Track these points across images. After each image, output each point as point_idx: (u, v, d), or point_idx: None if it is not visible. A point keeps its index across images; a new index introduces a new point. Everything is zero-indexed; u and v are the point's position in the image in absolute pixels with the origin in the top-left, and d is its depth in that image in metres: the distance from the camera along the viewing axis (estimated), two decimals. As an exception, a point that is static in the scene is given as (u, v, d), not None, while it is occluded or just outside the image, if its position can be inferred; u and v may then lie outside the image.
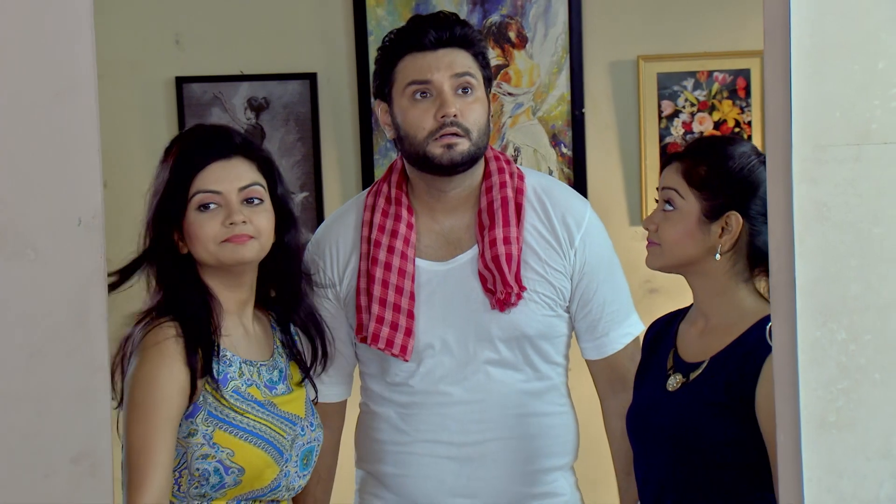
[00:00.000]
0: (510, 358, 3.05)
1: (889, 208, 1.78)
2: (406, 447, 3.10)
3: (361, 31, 4.64)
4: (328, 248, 3.12)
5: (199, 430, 2.68)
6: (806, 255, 1.78)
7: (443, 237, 3.08)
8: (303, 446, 2.79)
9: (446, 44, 2.97)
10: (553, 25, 4.62)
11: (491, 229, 3.01)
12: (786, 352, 1.82)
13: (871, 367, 1.79)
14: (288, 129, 4.71)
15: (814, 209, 1.77)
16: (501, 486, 3.07)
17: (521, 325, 3.03)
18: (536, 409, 3.10)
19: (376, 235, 3.04)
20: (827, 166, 1.77)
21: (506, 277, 2.96)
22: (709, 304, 2.73)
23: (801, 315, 1.78)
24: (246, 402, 2.72)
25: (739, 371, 2.59)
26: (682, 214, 2.69)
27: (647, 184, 4.62)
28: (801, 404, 1.79)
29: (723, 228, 2.67)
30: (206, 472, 2.68)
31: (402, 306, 3.00)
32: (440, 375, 3.05)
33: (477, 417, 3.05)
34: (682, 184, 2.70)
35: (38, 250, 1.75)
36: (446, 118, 2.94)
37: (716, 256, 2.67)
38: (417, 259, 3.05)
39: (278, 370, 2.83)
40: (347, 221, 3.14)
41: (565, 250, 3.06)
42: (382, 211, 3.08)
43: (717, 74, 4.64)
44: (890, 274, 1.78)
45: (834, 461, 1.80)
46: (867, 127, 1.77)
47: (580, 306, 3.10)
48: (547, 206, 3.09)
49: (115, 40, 4.56)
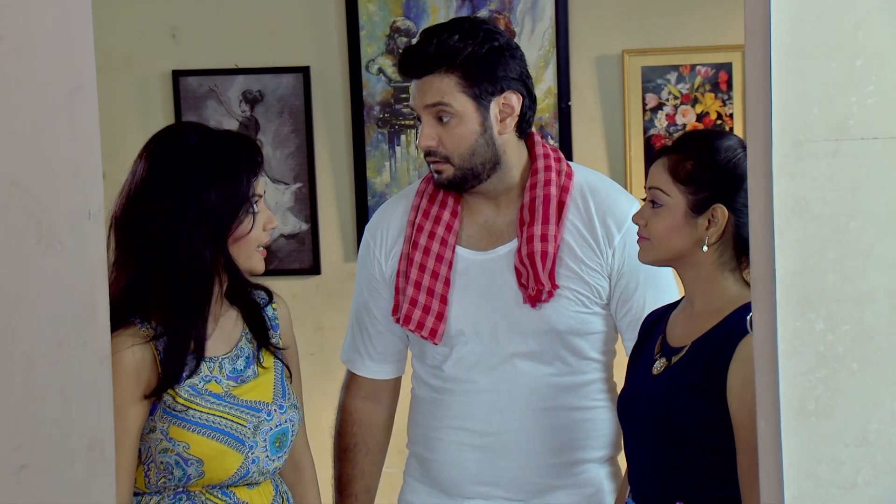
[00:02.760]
0: (539, 352, 3.06)
1: (866, 202, 1.78)
2: (437, 432, 3.14)
3: (353, 26, 4.66)
4: (379, 231, 3.16)
5: (157, 427, 2.70)
6: (785, 248, 1.78)
7: (485, 228, 3.09)
8: (270, 430, 2.78)
9: (429, 69, 2.95)
10: (540, 20, 4.65)
11: (530, 225, 3.01)
12: (766, 341, 1.83)
13: (849, 356, 1.79)
14: (282, 121, 4.73)
15: (793, 203, 1.77)
16: (524, 476, 3.09)
17: (552, 320, 3.03)
18: (568, 403, 3.10)
19: (420, 221, 3.07)
20: (806, 161, 1.77)
21: (538, 274, 2.97)
22: (696, 292, 2.75)
23: (781, 306, 1.78)
24: (201, 398, 2.72)
25: (715, 354, 2.61)
26: (668, 210, 2.70)
27: (632, 174, 4.64)
28: (780, 392, 1.79)
29: (709, 221, 2.69)
30: (169, 466, 2.70)
31: (437, 291, 3.03)
32: (471, 363, 3.07)
33: (500, 408, 3.07)
34: (667, 181, 2.71)
35: (63, 243, 1.75)
36: (422, 149, 2.99)
37: (703, 248, 2.70)
38: (458, 247, 3.07)
39: (244, 358, 2.82)
40: (399, 206, 3.18)
41: (603, 249, 3.05)
42: (430, 197, 3.10)
43: (700, 68, 4.66)
44: (867, 266, 1.79)
45: (813, 448, 1.80)
46: (845, 123, 1.77)
47: (620, 304, 3.08)
48: (590, 205, 3.07)
49: (112, 34, 4.59)
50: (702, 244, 2.70)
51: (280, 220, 4.74)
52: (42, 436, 1.78)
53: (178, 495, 2.74)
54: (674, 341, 2.77)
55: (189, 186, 2.68)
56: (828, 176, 1.79)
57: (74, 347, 1.83)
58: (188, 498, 2.75)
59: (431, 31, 3.00)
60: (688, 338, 2.73)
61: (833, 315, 1.80)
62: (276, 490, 2.87)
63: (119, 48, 4.67)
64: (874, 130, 1.78)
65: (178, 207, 2.67)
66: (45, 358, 1.78)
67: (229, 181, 2.70)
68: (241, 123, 4.70)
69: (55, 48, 1.80)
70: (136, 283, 2.68)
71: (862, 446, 1.81)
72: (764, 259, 1.83)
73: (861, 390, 1.81)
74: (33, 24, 1.77)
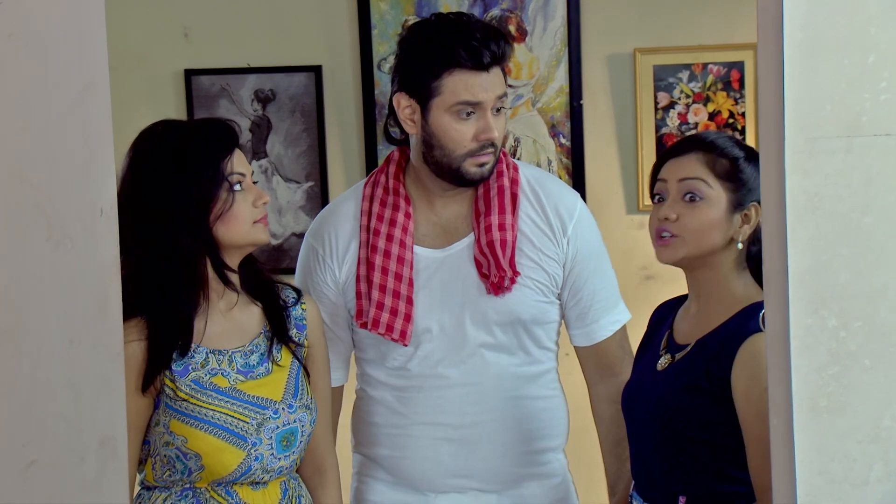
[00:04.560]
0: (505, 342, 3.10)
1: (878, 198, 1.78)
2: (404, 429, 3.14)
3: (365, 25, 4.67)
4: (327, 236, 3.14)
5: (160, 421, 2.73)
6: (798, 245, 1.78)
7: (440, 226, 3.11)
8: (277, 429, 2.79)
9: (495, 63, 2.97)
10: (552, 19, 4.65)
11: (487, 216, 3.04)
12: (778, 338, 1.82)
13: (861, 353, 1.79)
14: (294, 120, 4.74)
15: (805, 199, 1.77)
16: (498, 466, 3.13)
17: (516, 309, 3.07)
18: (530, 393, 3.15)
19: (375, 224, 3.07)
20: (818, 158, 1.77)
21: (500, 262, 3.00)
22: (706, 291, 2.75)
23: (794, 303, 1.78)
24: (203, 392, 2.74)
25: (717, 355, 2.62)
26: (709, 203, 2.69)
27: (644, 174, 4.63)
28: (793, 389, 1.79)
29: (742, 219, 2.69)
30: (171, 459, 2.73)
31: (402, 292, 3.04)
32: (437, 359, 3.09)
33: (473, 399, 3.10)
34: (708, 174, 2.69)
35: (73, 240, 1.76)
36: (488, 141, 2.98)
37: (738, 245, 2.68)
38: (415, 246, 3.08)
39: (259, 353, 2.85)
40: (346, 210, 3.17)
41: (558, 238, 3.10)
42: (381, 201, 3.10)
43: (712, 67, 4.66)
44: (879, 262, 1.78)
45: (825, 444, 1.79)
46: (857, 119, 1.76)
47: (571, 294, 3.14)
48: (540, 196, 3.12)
49: (125, 33, 4.61)
50: (733, 242, 2.69)
51: (292, 218, 4.76)
52: (52, 432, 1.78)
53: (185, 492, 2.77)
54: (679, 338, 2.79)
55: (160, 177, 2.73)
56: (840, 172, 1.78)
57: (85, 344, 1.83)
58: (194, 495, 2.77)
59: (495, 29, 3.03)
60: (693, 336, 2.74)
61: (845, 312, 1.80)
62: (285, 495, 2.88)
63: (132, 48, 4.69)
64: (887, 127, 1.78)
65: (153, 199, 2.72)
66: (55, 355, 1.78)
67: (195, 164, 2.74)
68: (253, 122, 4.71)
69: (67, 44, 1.81)
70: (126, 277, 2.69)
71: (874, 443, 1.81)
72: (776, 256, 1.82)
73: (873, 387, 1.80)
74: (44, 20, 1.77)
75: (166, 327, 2.73)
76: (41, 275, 1.76)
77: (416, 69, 3.01)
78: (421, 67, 2.99)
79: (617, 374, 3.15)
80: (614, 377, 3.16)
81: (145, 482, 2.80)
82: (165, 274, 2.74)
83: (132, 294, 2.64)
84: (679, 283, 2.88)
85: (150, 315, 2.73)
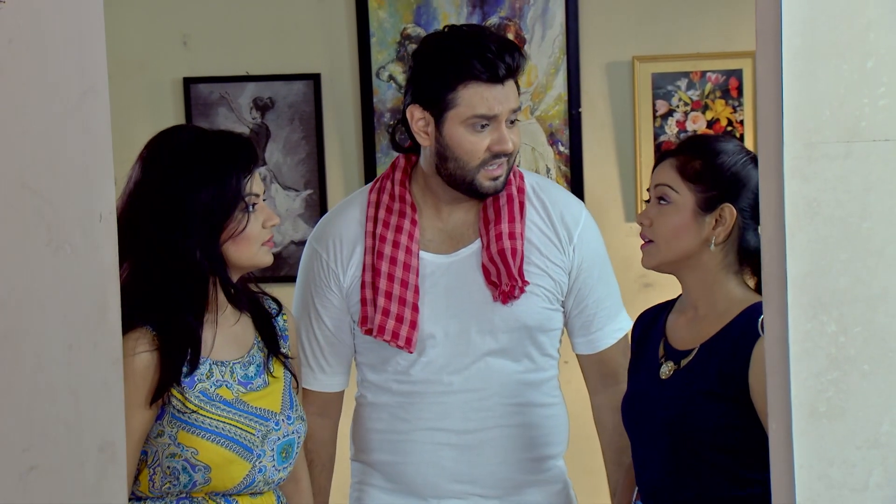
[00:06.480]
0: (510, 349, 3.09)
1: (877, 204, 1.77)
2: (406, 435, 3.14)
3: (364, 33, 4.68)
4: (331, 241, 3.14)
5: (165, 431, 2.71)
6: (797, 250, 1.78)
7: (445, 232, 3.11)
8: (278, 440, 2.79)
9: (510, 75, 2.97)
10: (550, 27, 4.65)
11: (496, 224, 3.05)
12: (778, 343, 1.82)
13: (860, 358, 1.78)
14: (293, 127, 4.74)
15: (804, 205, 1.77)
16: (501, 472, 3.13)
17: (523, 317, 3.07)
18: (534, 400, 3.15)
19: (381, 231, 3.07)
20: (817, 163, 1.76)
21: (511, 270, 3.00)
22: (699, 296, 2.76)
23: (793, 308, 1.78)
24: (211, 403, 2.73)
25: (730, 358, 2.62)
26: (676, 207, 2.71)
27: (642, 181, 4.64)
28: (792, 394, 1.79)
29: (716, 221, 2.70)
30: (176, 471, 2.70)
31: (408, 299, 3.03)
32: (441, 365, 3.09)
33: (477, 406, 3.10)
34: (675, 178, 2.72)
35: (73, 245, 1.75)
36: (502, 152, 2.98)
37: (710, 247, 2.69)
38: (421, 252, 3.08)
39: (255, 365, 2.84)
40: (350, 216, 3.16)
41: (564, 246, 3.10)
42: (387, 207, 3.10)
43: (710, 74, 4.67)
44: (878, 267, 1.78)
45: (824, 450, 1.79)
46: (856, 125, 1.76)
47: (576, 302, 3.15)
48: (546, 204, 3.12)
49: (124, 41, 4.61)
50: (708, 244, 2.70)
51: (290, 226, 4.75)
52: (52, 437, 1.78)
53: (181, 501, 2.75)
54: (678, 344, 2.78)
55: (179, 186, 2.70)
56: (839, 178, 1.78)
57: (85, 349, 1.83)
58: (190, 503, 2.75)
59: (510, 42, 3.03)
60: (694, 341, 2.74)
61: (845, 317, 1.79)
62: (278, 501, 2.88)
63: (131, 55, 4.69)
64: (886, 132, 1.78)
65: (168, 208, 2.69)
66: (55, 360, 1.78)
67: (219, 181, 2.71)
68: (251, 130, 4.71)
69: (67, 49, 1.81)
70: (132, 285, 2.68)
71: (874, 448, 1.80)
72: (775, 261, 1.82)
73: (873, 392, 1.80)
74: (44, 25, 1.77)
75: (177, 341, 2.70)
76: (41, 279, 1.76)
77: (430, 81, 2.99)
78: (435, 80, 2.97)
79: (620, 381, 3.14)
80: (617, 385, 3.15)
81: (137, 493, 2.76)
82: (174, 287, 2.71)
83: (136, 302, 2.65)
84: (676, 291, 2.88)
85: (158, 327, 2.70)
